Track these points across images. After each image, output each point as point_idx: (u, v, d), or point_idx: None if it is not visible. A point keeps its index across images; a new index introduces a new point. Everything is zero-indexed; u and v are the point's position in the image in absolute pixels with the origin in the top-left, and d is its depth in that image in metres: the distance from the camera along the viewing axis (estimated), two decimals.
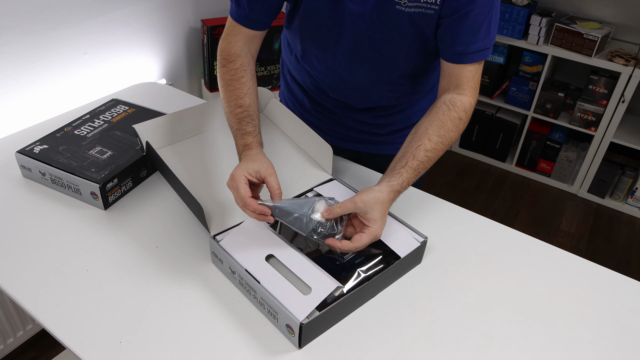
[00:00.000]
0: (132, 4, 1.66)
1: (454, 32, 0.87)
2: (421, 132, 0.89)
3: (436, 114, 0.90)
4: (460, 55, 0.89)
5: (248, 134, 0.89)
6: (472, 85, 0.92)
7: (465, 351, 0.78)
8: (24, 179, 1.06)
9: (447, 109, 0.90)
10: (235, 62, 0.96)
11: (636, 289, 0.91)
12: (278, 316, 0.77)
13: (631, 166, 2.53)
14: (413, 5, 0.86)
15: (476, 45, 0.87)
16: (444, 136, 0.88)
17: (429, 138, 0.87)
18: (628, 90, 2.31)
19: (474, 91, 0.92)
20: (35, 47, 1.40)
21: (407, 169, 0.85)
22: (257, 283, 0.78)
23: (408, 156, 0.87)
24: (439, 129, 0.88)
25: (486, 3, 0.84)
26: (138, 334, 0.77)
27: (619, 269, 1.01)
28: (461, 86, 0.91)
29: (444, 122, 0.89)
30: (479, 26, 0.86)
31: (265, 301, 0.78)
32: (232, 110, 0.93)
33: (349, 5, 0.89)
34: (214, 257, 0.88)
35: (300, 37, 1.00)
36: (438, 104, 0.91)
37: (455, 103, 0.90)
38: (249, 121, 0.91)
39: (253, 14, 0.95)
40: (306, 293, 0.76)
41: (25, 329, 1.56)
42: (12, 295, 0.82)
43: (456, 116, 0.89)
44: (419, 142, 0.87)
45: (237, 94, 0.94)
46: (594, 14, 2.48)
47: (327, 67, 1.02)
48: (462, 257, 0.94)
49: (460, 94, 0.91)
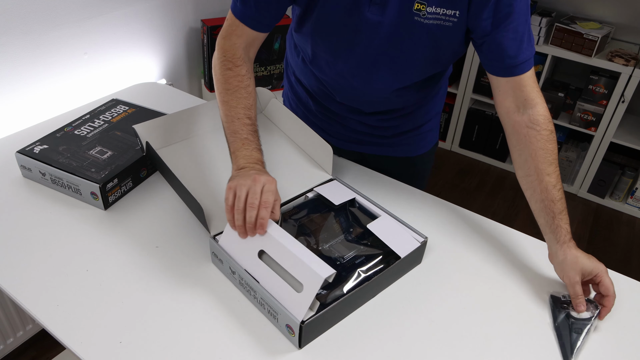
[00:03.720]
0: (132, 4, 1.66)
1: (498, 47, 0.86)
2: (537, 174, 0.87)
3: (531, 144, 0.87)
4: (512, 68, 0.87)
5: (260, 151, 0.90)
6: (537, 91, 0.88)
7: (465, 351, 0.78)
8: (24, 179, 1.06)
9: (537, 132, 0.87)
10: (241, 67, 0.95)
11: (636, 289, 0.91)
12: (278, 316, 0.77)
13: (631, 166, 2.53)
14: (432, 17, 0.86)
15: (524, 54, 0.86)
16: (553, 160, 0.87)
17: (547, 173, 0.86)
18: (628, 90, 2.31)
19: (541, 95, 0.89)
20: (35, 47, 1.40)
21: (557, 216, 0.86)
22: (257, 283, 0.78)
23: (547, 204, 0.87)
24: (545, 156, 0.87)
25: (523, 12, 0.84)
26: (138, 334, 0.77)
27: (619, 269, 1.01)
28: (528, 97, 0.88)
29: (544, 148, 0.87)
30: (521, 37, 0.85)
31: (265, 301, 0.78)
32: (241, 118, 0.91)
33: (367, 14, 0.88)
34: (214, 257, 0.88)
35: (311, 42, 0.99)
36: (522, 131, 0.88)
37: (538, 121, 0.87)
38: (258, 137, 0.91)
39: (259, 15, 0.93)
40: (299, 290, 0.76)
41: (25, 329, 1.56)
42: (12, 295, 0.82)
43: (547, 133, 0.87)
44: (543, 185, 0.87)
45: (245, 103, 0.92)
46: (594, 14, 2.48)
47: (338, 73, 1.01)
48: (462, 257, 0.94)
49: (533, 107, 0.87)
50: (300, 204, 0.97)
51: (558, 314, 0.83)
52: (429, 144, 1.22)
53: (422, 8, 0.85)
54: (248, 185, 0.80)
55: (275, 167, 1.06)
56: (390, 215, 0.93)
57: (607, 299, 0.83)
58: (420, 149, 1.21)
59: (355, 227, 0.91)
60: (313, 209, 0.95)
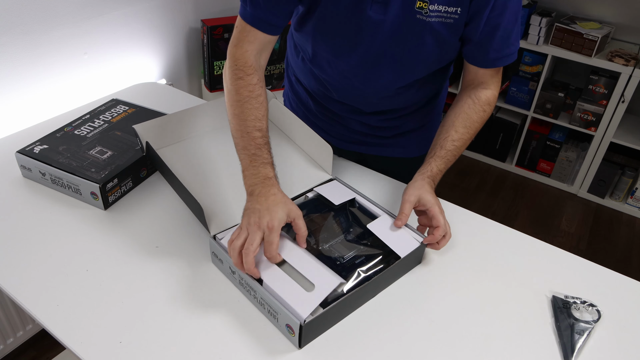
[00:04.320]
0: (132, 4, 1.66)
1: (487, 41, 0.91)
2: (448, 125, 0.96)
3: (461, 108, 0.97)
4: (493, 61, 0.94)
5: (269, 164, 0.87)
6: (496, 80, 0.98)
7: (465, 351, 0.78)
8: (24, 179, 1.06)
9: (473, 103, 0.96)
10: (252, 76, 0.92)
11: (636, 289, 0.91)
12: (278, 316, 0.77)
13: (631, 166, 2.53)
14: (435, 15, 0.86)
15: (507, 50, 0.93)
16: (470, 127, 0.95)
17: (455, 129, 0.95)
18: (628, 90, 2.31)
19: (497, 84, 0.99)
20: (35, 47, 1.40)
21: (435, 158, 0.94)
22: (256, 283, 0.78)
23: (436, 148, 0.95)
24: (464, 120, 0.95)
25: (514, 12, 0.88)
26: (138, 334, 0.77)
27: (619, 269, 1.01)
28: (487, 83, 0.98)
29: (469, 115, 0.96)
30: (509, 34, 0.91)
31: (266, 301, 0.78)
32: (250, 132, 0.89)
33: (369, 13, 0.88)
34: (214, 257, 0.88)
35: (312, 41, 0.98)
36: (463, 98, 0.98)
37: (480, 97, 0.97)
38: (268, 149, 0.89)
39: (270, 15, 0.91)
40: (309, 290, 0.76)
41: (25, 329, 1.56)
42: (12, 295, 0.82)
43: (480, 109, 0.96)
44: (446, 134, 0.95)
45: (255, 114, 0.90)
46: (594, 14, 2.48)
47: (339, 72, 1.01)
48: (462, 257, 0.94)
49: (485, 89, 0.98)
50: (300, 204, 0.97)
51: (559, 314, 0.83)
52: (429, 144, 1.22)
53: (425, 6, 0.85)
54: (250, 229, 0.79)
55: (275, 167, 1.06)
56: (390, 215, 0.93)
57: (436, 229, 0.87)
58: (420, 150, 1.21)
59: (355, 227, 0.91)
60: (313, 209, 0.95)
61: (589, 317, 0.83)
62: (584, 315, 0.83)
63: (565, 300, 0.85)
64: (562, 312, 0.83)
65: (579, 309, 0.84)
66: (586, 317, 0.83)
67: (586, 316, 0.83)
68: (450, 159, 0.95)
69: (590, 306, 0.85)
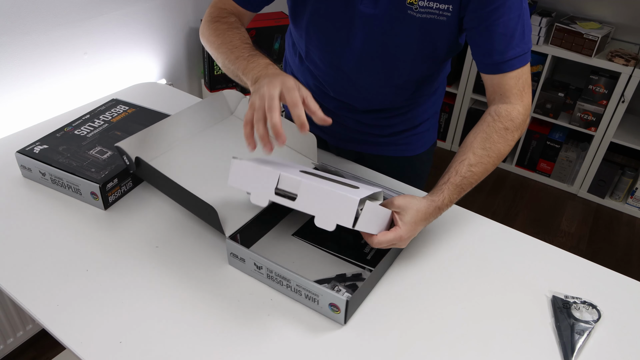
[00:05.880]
0: (132, 4, 1.66)
1: (487, 42, 0.85)
2: (466, 147, 0.88)
3: (480, 126, 0.89)
4: (499, 65, 0.87)
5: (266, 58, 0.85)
6: (516, 92, 0.89)
7: (465, 351, 0.78)
8: (24, 179, 1.06)
9: (492, 120, 0.88)
10: (228, 17, 0.92)
11: (636, 289, 0.91)
12: (319, 298, 0.77)
13: (631, 166, 2.53)
14: (424, 12, 0.85)
15: (513, 51, 0.85)
16: (490, 149, 0.87)
17: (473, 152, 0.87)
18: (628, 90, 2.31)
19: (520, 97, 0.89)
20: (35, 47, 1.40)
21: (449, 185, 0.86)
22: (290, 272, 0.78)
23: (451, 172, 0.87)
24: (484, 141, 0.87)
25: (515, 8, 0.83)
26: (138, 334, 0.77)
27: (619, 269, 1.01)
28: (505, 94, 0.89)
29: (489, 134, 0.88)
30: (512, 32, 0.84)
31: (302, 287, 0.78)
32: (239, 46, 0.87)
33: (360, 7, 0.88)
34: (232, 258, 0.87)
35: (305, 36, 0.99)
36: (484, 116, 0.90)
37: (501, 113, 0.88)
38: (262, 53, 0.87)
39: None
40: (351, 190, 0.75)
41: (25, 329, 1.56)
42: (12, 295, 0.82)
43: (502, 127, 0.88)
44: (463, 157, 0.87)
45: (240, 37, 0.89)
46: (594, 14, 2.48)
47: (332, 67, 1.01)
48: (462, 257, 0.94)
49: (505, 103, 0.89)
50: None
51: (559, 314, 0.83)
52: (427, 144, 1.22)
53: (415, 2, 0.85)
54: (263, 92, 0.75)
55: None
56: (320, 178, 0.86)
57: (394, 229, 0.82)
58: (417, 149, 1.21)
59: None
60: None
61: (589, 317, 0.83)
62: (584, 315, 0.83)
63: (565, 300, 0.85)
64: (562, 312, 0.83)
65: (579, 309, 0.84)
66: (586, 317, 0.83)
67: (586, 316, 0.83)
68: (466, 187, 0.88)
69: (590, 306, 0.85)
